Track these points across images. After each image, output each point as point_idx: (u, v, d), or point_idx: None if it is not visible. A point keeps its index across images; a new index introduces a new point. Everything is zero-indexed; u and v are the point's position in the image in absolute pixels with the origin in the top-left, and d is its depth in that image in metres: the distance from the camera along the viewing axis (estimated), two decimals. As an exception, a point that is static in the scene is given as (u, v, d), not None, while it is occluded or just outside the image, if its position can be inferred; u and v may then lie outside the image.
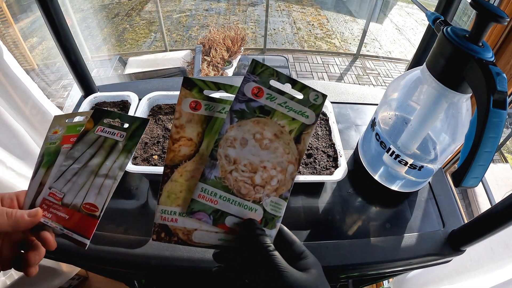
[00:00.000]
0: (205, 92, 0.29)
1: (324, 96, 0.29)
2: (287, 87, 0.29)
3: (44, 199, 0.32)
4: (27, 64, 2.98)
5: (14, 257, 0.31)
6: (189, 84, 0.29)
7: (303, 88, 0.29)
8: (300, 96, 0.29)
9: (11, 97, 0.71)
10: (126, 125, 0.34)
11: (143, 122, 0.34)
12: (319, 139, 0.60)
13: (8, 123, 0.69)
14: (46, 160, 0.34)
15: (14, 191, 0.33)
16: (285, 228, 0.30)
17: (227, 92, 0.30)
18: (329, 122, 0.62)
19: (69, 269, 0.98)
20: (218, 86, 0.29)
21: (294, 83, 0.29)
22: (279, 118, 0.29)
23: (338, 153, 0.56)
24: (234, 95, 0.29)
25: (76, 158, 0.33)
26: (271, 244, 0.27)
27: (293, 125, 0.29)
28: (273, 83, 0.29)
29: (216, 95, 0.31)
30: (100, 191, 0.32)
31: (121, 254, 0.49)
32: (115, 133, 0.34)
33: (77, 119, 0.37)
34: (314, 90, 0.29)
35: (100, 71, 3.16)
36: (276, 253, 0.26)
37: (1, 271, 0.78)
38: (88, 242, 0.31)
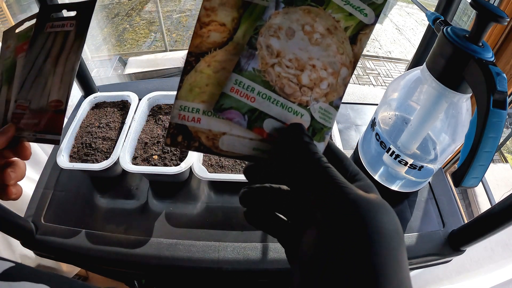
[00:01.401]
0: None
1: None
2: None
3: (13, 114, 0.33)
4: (27, 64, 2.98)
5: None
6: None
7: None
8: None
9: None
10: (74, 13, 0.33)
11: (89, 4, 0.32)
12: (319, 139, 0.60)
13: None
14: (6, 76, 0.34)
15: None
16: (333, 142, 0.25)
17: None
18: (329, 122, 0.62)
19: (69, 269, 0.98)
20: None
21: None
22: (334, 10, 0.24)
23: (338, 153, 0.56)
24: None
25: (33, 63, 0.33)
26: (323, 156, 0.21)
27: (349, 21, 0.24)
28: None
29: None
30: (62, 86, 0.31)
31: (121, 254, 0.49)
32: (64, 24, 0.33)
33: (25, 25, 0.36)
34: None
35: (100, 71, 3.16)
36: (331, 166, 0.20)
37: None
38: (59, 137, 0.31)
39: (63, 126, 0.31)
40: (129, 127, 0.58)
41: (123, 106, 0.66)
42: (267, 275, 0.49)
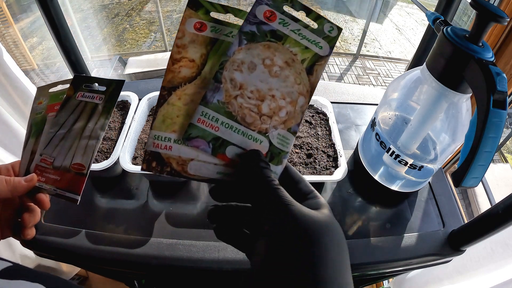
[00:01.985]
0: (212, 14, 0.27)
1: (340, 29, 0.27)
2: (301, 15, 0.27)
3: (37, 165, 0.36)
4: (27, 64, 2.99)
5: (13, 224, 0.34)
6: (195, 4, 0.26)
7: (317, 18, 0.27)
8: (314, 25, 0.27)
9: (11, 97, 0.71)
10: (104, 88, 0.36)
11: (119, 82, 0.36)
12: (319, 139, 0.60)
13: (8, 123, 0.69)
14: (35, 130, 0.38)
15: (10, 162, 0.36)
16: (291, 166, 0.28)
17: (236, 16, 0.27)
18: (329, 122, 0.62)
19: (69, 269, 0.98)
20: (226, 9, 0.27)
21: (309, 12, 0.27)
22: (291, 45, 0.27)
23: (338, 153, 0.56)
24: (243, 20, 0.26)
25: (61, 124, 0.36)
26: (276, 179, 0.24)
27: (306, 54, 0.27)
28: (287, 9, 0.27)
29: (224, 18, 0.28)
30: (86, 151, 0.35)
31: (121, 254, 0.49)
32: (94, 97, 0.36)
33: (59, 87, 0.39)
34: (329, 22, 0.27)
35: (100, 71, 3.16)
36: (281, 187, 0.23)
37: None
38: (79, 198, 0.34)
39: (83, 187, 0.34)
40: (129, 127, 0.58)
41: (123, 106, 0.66)
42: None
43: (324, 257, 0.20)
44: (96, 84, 0.38)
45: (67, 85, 0.38)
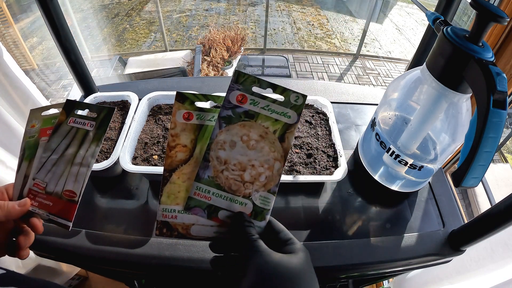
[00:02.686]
0: (196, 103, 0.33)
1: (304, 97, 0.32)
2: (269, 92, 0.32)
3: (30, 189, 0.36)
4: (27, 64, 2.99)
5: (7, 244, 0.35)
6: (182, 97, 0.33)
7: (283, 91, 0.31)
8: (281, 98, 0.32)
9: (11, 97, 0.71)
10: (95, 115, 0.37)
11: (109, 110, 0.37)
12: (319, 139, 0.60)
13: (8, 122, 0.69)
14: (28, 153, 0.38)
15: (3, 185, 0.37)
16: (274, 219, 0.33)
17: (215, 102, 0.34)
18: (329, 122, 0.62)
19: (69, 269, 0.98)
20: (207, 98, 0.33)
21: (275, 88, 0.32)
22: (262, 120, 0.32)
23: (338, 153, 0.56)
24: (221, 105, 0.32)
25: (53, 150, 0.37)
26: (256, 234, 0.30)
27: (276, 125, 0.32)
28: (256, 89, 0.32)
29: (206, 105, 0.35)
30: (77, 179, 0.36)
31: (121, 254, 0.49)
32: (85, 123, 0.37)
33: (51, 111, 0.40)
34: (294, 92, 0.32)
35: (100, 71, 3.16)
36: (259, 240, 0.29)
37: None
38: (70, 224, 0.35)
39: (75, 214, 0.35)
40: (129, 127, 0.58)
41: (123, 106, 0.66)
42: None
43: None
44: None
45: (59, 109, 0.38)
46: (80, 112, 0.39)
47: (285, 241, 0.31)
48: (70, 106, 0.38)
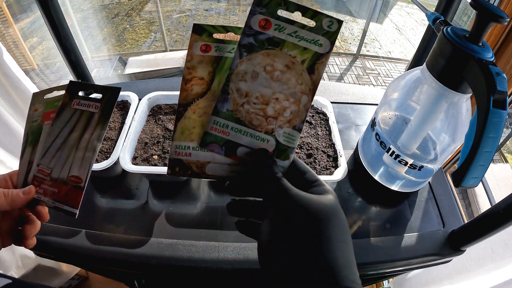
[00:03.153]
0: (215, 35, 0.30)
1: (340, 22, 0.28)
2: (297, 16, 0.28)
3: (35, 176, 0.35)
4: (27, 64, 2.98)
5: (13, 232, 0.34)
6: (199, 29, 0.29)
7: (315, 15, 0.27)
8: (312, 24, 0.28)
9: (11, 97, 0.71)
10: (99, 96, 0.35)
11: (115, 91, 0.35)
12: (319, 139, 0.60)
13: (8, 123, 0.69)
14: (31, 138, 0.37)
15: (7, 172, 0.36)
16: (298, 159, 0.30)
17: (235, 34, 0.30)
18: (329, 122, 0.62)
19: (69, 269, 0.98)
20: (226, 29, 0.30)
21: (305, 11, 0.28)
22: (289, 48, 0.28)
23: (338, 153, 0.56)
24: None
25: (57, 134, 0.35)
26: (279, 172, 0.27)
27: (305, 55, 0.28)
28: (281, 13, 0.28)
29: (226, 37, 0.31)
30: (83, 164, 0.34)
31: (121, 254, 0.49)
32: (90, 105, 0.35)
33: (54, 94, 0.38)
34: (328, 16, 0.28)
35: (100, 71, 3.16)
36: (284, 179, 0.27)
37: (1, 271, 0.78)
38: (77, 211, 0.34)
39: (81, 201, 0.34)
40: (129, 127, 0.58)
41: (123, 106, 0.66)
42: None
43: (326, 234, 0.23)
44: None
45: (63, 91, 0.37)
46: (84, 95, 0.37)
47: (311, 182, 0.28)
48: (73, 88, 0.36)
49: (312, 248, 0.22)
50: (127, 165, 0.52)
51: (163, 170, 0.52)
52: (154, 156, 0.56)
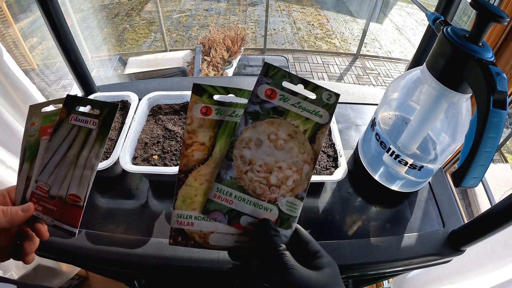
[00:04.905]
0: (215, 97, 0.30)
1: (337, 95, 0.29)
2: (300, 88, 0.30)
3: (33, 193, 0.35)
4: (27, 64, 2.98)
5: (11, 247, 0.34)
6: (199, 90, 0.29)
7: (315, 88, 0.29)
8: (313, 96, 0.29)
9: (11, 97, 0.71)
10: (97, 112, 0.35)
11: (112, 107, 0.35)
12: (319, 139, 0.60)
13: (8, 122, 0.69)
14: (29, 154, 0.36)
15: (5, 188, 0.35)
16: (301, 228, 0.30)
17: (236, 96, 0.30)
18: (329, 122, 0.62)
19: (69, 269, 0.98)
20: (227, 91, 0.30)
21: (307, 84, 0.29)
22: (292, 118, 0.29)
23: (338, 153, 0.56)
24: (243, 99, 0.30)
25: (55, 150, 0.35)
26: (283, 245, 0.27)
27: (307, 124, 0.29)
28: (286, 84, 0.29)
29: (226, 99, 0.31)
30: (81, 182, 0.34)
31: (121, 254, 0.49)
32: (88, 121, 0.35)
33: (51, 107, 0.38)
34: (327, 90, 0.29)
35: (100, 71, 3.16)
36: (287, 252, 0.27)
37: (1, 271, 0.78)
38: (76, 231, 0.34)
39: (80, 219, 0.34)
40: (129, 127, 0.58)
41: (123, 106, 0.66)
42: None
43: None
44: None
45: (60, 105, 0.36)
46: (81, 109, 0.37)
47: (313, 254, 0.29)
48: (71, 102, 0.35)
49: None
50: (127, 165, 0.52)
51: (163, 170, 0.52)
52: (154, 156, 0.56)
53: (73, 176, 0.34)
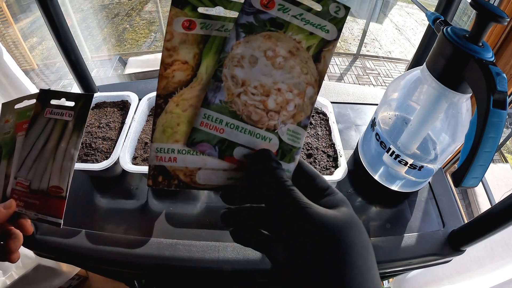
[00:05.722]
0: (200, 10, 0.25)
1: (347, 9, 0.25)
2: None
3: (13, 189, 0.34)
4: (27, 64, 2.98)
5: None
6: (180, 2, 0.24)
7: None
8: (318, 7, 0.25)
9: (11, 97, 0.71)
10: (72, 104, 0.35)
11: (88, 97, 0.35)
12: (319, 139, 0.60)
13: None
14: (5, 151, 0.36)
15: None
16: (304, 161, 0.26)
17: (225, 8, 0.25)
18: (329, 122, 0.62)
19: (69, 269, 0.98)
20: (214, 3, 0.25)
21: None
22: (294, 32, 0.24)
23: (338, 153, 0.56)
24: (234, 11, 0.25)
25: (32, 145, 0.35)
26: (289, 179, 0.23)
27: (311, 40, 0.25)
28: None
29: (213, 12, 0.26)
30: (62, 173, 0.34)
31: (121, 254, 0.49)
32: (63, 113, 0.35)
33: (25, 103, 0.37)
34: (335, 1, 0.24)
35: (100, 71, 3.16)
36: (295, 188, 0.22)
37: (1, 271, 0.78)
38: (61, 221, 0.34)
39: (64, 210, 0.33)
40: (129, 127, 0.58)
41: (123, 106, 0.66)
42: (267, 275, 0.49)
43: (348, 258, 0.19)
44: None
45: (33, 100, 0.36)
46: (56, 102, 0.36)
47: (323, 190, 0.24)
48: (45, 96, 0.35)
49: (335, 273, 0.19)
50: (127, 165, 0.52)
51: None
52: (154, 156, 0.56)
53: (53, 169, 0.34)
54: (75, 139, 0.34)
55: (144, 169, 0.52)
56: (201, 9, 0.25)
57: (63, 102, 0.36)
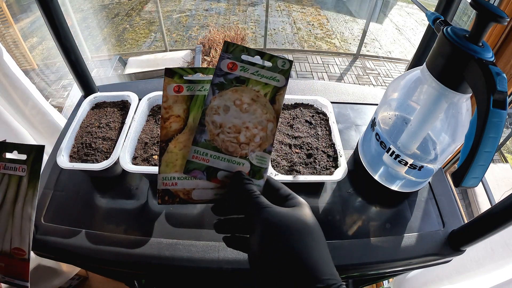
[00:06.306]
0: (185, 77, 0.34)
1: (291, 62, 0.34)
2: (257, 59, 0.34)
3: None
4: (27, 64, 2.98)
5: None
6: (171, 73, 0.34)
7: (271, 57, 0.34)
8: (269, 64, 0.34)
9: (11, 97, 0.71)
10: (24, 157, 0.34)
11: (39, 149, 0.34)
12: (319, 139, 0.60)
13: (8, 122, 0.69)
14: None
15: None
16: (271, 177, 0.34)
17: (203, 73, 0.35)
18: (329, 122, 0.62)
19: (69, 269, 0.98)
20: (195, 70, 0.35)
21: (263, 55, 0.34)
22: (253, 84, 0.34)
23: (338, 153, 0.56)
24: (209, 75, 0.34)
25: None
26: (257, 190, 0.31)
27: (266, 89, 0.34)
28: (245, 57, 0.34)
29: (194, 77, 0.35)
30: (22, 234, 0.33)
31: (121, 254, 0.49)
32: (16, 168, 0.34)
33: None
34: (281, 58, 0.34)
35: (100, 71, 3.16)
36: (261, 196, 0.30)
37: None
38: (28, 284, 0.33)
39: (29, 271, 0.33)
40: (129, 127, 0.58)
41: (123, 106, 0.66)
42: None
43: (304, 240, 0.26)
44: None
45: None
46: (9, 156, 0.35)
47: (285, 197, 0.31)
48: None
49: (294, 254, 0.26)
50: (127, 165, 0.52)
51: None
52: (154, 156, 0.56)
53: (13, 229, 0.34)
54: (30, 196, 0.33)
55: (144, 169, 0.52)
56: (185, 77, 0.34)
57: (16, 154, 0.35)
